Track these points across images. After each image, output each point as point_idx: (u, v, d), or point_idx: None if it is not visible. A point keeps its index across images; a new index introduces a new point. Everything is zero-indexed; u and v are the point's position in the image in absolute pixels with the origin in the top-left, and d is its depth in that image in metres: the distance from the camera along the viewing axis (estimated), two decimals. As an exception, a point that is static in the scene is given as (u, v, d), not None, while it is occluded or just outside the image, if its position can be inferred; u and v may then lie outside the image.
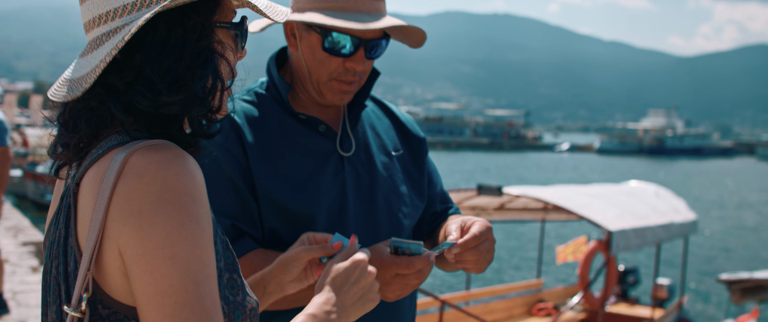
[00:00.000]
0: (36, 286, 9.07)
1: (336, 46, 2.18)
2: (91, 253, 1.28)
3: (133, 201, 1.25)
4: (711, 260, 24.81)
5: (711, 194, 52.81)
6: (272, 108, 2.29)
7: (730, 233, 32.63)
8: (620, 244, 9.72)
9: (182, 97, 1.35)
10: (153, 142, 1.33)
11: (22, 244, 11.75)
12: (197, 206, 1.28)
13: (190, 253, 1.25)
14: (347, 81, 2.23)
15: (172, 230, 1.24)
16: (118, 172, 1.28)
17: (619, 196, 12.01)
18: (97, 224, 1.28)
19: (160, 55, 1.33)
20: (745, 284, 10.50)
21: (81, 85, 1.34)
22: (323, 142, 2.27)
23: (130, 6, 1.36)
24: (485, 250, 1.99)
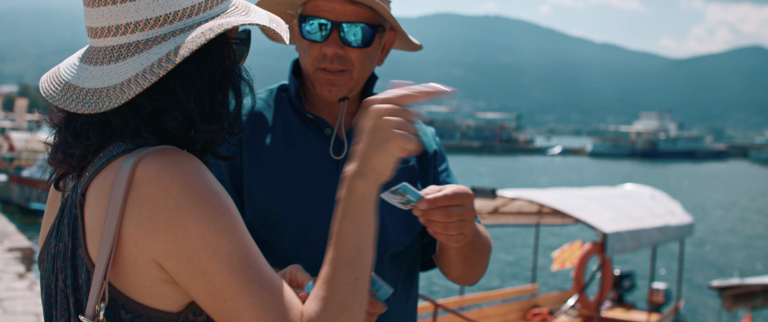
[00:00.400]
0: (22, 292, 8.90)
1: (311, 32, 2.22)
2: (105, 263, 1.27)
3: (158, 210, 1.25)
4: (707, 265, 24.73)
5: (705, 197, 52.81)
6: (282, 108, 2.34)
7: (726, 236, 32.59)
8: (615, 246, 9.64)
9: (216, 126, 1.37)
10: (157, 147, 1.32)
11: (7, 250, 11.57)
12: (220, 197, 1.29)
13: (230, 242, 1.26)
14: (330, 70, 2.21)
15: (206, 227, 1.25)
16: (129, 180, 1.27)
17: (614, 199, 11.91)
18: (111, 233, 1.27)
19: (194, 79, 1.34)
20: (737, 291, 10.40)
21: (105, 101, 1.30)
22: (321, 144, 2.28)
23: (154, 21, 1.33)
24: (456, 214, 1.88)
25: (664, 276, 17.31)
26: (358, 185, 1.45)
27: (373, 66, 2.31)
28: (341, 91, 2.25)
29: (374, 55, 2.29)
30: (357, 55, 2.23)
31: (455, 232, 1.91)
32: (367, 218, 1.44)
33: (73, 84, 1.37)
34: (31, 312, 7.98)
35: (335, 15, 2.19)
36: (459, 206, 1.89)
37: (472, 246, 2.15)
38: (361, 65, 2.25)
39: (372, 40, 2.23)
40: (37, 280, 9.98)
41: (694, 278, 21.02)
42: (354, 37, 2.21)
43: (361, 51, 2.23)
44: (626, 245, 9.89)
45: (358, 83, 2.28)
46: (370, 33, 2.22)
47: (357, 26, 2.20)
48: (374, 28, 2.23)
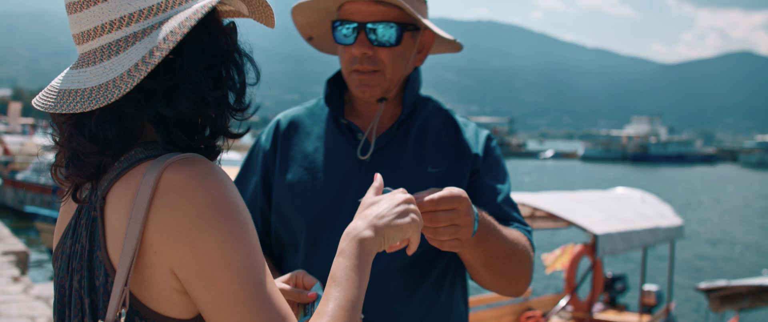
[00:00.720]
0: (17, 296, 8.91)
1: (342, 36, 2.24)
2: (127, 268, 1.28)
3: (180, 219, 1.27)
4: (698, 267, 24.85)
5: (696, 200, 53.02)
6: (323, 116, 2.40)
7: (717, 238, 32.75)
8: (606, 247, 9.71)
9: (222, 95, 1.39)
10: (183, 156, 1.34)
11: (2, 253, 11.58)
12: (240, 212, 1.31)
13: (246, 257, 1.28)
14: (361, 71, 2.23)
15: (224, 240, 1.27)
16: (154, 187, 1.29)
17: (605, 201, 11.99)
18: (133, 239, 1.28)
19: (200, 56, 1.37)
20: (724, 292, 10.49)
21: (114, 91, 1.30)
22: (349, 148, 2.30)
23: (147, 10, 1.35)
24: (445, 219, 1.81)
25: (656, 278, 17.40)
26: (370, 243, 1.53)
27: (407, 65, 2.30)
28: (375, 91, 2.26)
29: (407, 54, 2.27)
30: (387, 54, 2.22)
31: (447, 237, 1.84)
32: (369, 270, 1.52)
33: (71, 89, 1.36)
34: (25, 315, 8.00)
35: (363, 16, 2.20)
36: (449, 211, 1.81)
37: (491, 253, 2.06)
38: (392, 65, 2.24)
39: (400, 38, 2.21)
40: (32, 283, 9.99)
41: (685, 280, 21.13)
42: (381, 36, 2.20)
43: (391, 50, 2.22)
44: (617, 247, 9.96)
45: (392, 83, 2.28)
46: (398, 31, 2.20)
47: (383, 25, 2.19)
48: (403, 26, 2.21)
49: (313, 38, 2.48)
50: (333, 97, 2.38)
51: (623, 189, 13.97)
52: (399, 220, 1.59)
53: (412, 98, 2.35)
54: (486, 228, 1.99)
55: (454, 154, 2.31)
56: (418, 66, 2.39)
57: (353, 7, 2.22)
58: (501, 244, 2.07)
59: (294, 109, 2.50)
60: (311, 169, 2.31)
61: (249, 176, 2.43)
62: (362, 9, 2.21)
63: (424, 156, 2.29)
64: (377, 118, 2.31)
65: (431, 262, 2.25)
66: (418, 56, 2.35)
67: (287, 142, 2.38)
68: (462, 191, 1.84)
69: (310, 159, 2.33)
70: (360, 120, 2.36)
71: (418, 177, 2.25)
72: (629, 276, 13.91)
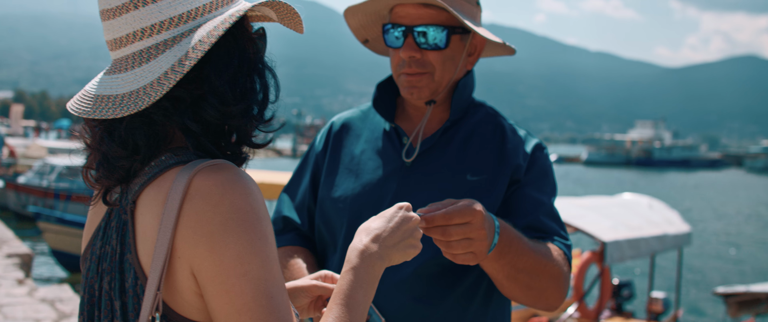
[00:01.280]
0: (22, 298, 8.89)
1: (392, 39, 2.27)
2: (160, 273, 1.31)
3: (203, 223, 1.29)
4: (706, 273, 24.77)
5: (701, 206, 52.90)
6: (374, 119, 2.45)
7: (723, 245, 32.64)
8: (614, 255, 9.65)
9: (246, 106, 1.41)
10: (213, 162, 1.36)
11: (6, 256, 11.56)
12: (263, 223, 1.32)
13: (262, 269, 1.30)
14: (408, 73, 2.25)
15: (243, 248, 1.28)
16: (184, 192, 1.31)
17: (612, 208, 11.92)
18: (164, 243, 1.31)
19: (227, 66, 1.39)
20: (742, 298, 10.43)
21: (144, 97, 1.33)
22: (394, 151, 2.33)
23: (177, 18, 1.37)
24: (457, 233, 1.82)
25: (663, 285, 17.33)
26: (378, 265, 1.57)
27: (456, 68, 2.29)
28: (423, 93, 2.27)
29: (457, 57, 2.28)
30: (435, 56, 2.23)
31: (460, 251, 1.85)
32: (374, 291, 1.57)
33: (105, 95, 1.39)
34: (30, 318, 7.98)
35: (411, 20, 2.22)
36: (462, 225, 1.82)
37: (515, 266, 2.04)
38: (441, 67, 2.25)
39: (447, 41, 2.22)
40: (36, 286, 9.97)
41: (692, 286, 21.06)
42: (429, 39, 2.21)
43: (439, 53, 2.23)
44: (625, 254, 9.90)
45: (440, 85, 2.28)
46: (445, 35, 2.21)
47: (430, 29, 2.21)
48: (451, 29, 2.22)
49: (368, 41, 2.50)
50: (382, 100, 2.40)
51: (630, 195, 13.89)
52: (406, 248, 1.64)
53: (461, 103, 2.33)
54: (509, 241, 1.98)
55: (495, 163, 2.27)
56: (470, 69, 2.37)
57: (402, 11, 2.24)
58: (527, 257, 2.04)
59: (349, 112, 2.54)
60: (355, 170, 2.35)
61: (301, 177, 2.50)
62: (411, 12, 2.22)
63: (465, 163, 2.27)
64: (424, 121, 2.31)
65: (465, 269, 2.21)
66: (470, 59, 2.34)
67: (337, 144, 2.44)
68: (476, 205, 1.83)
69: (355, 161, 2.37)
70: (409, 124, 2.37)
71: (456, 184, 2.24)
72: (636, 283, 13.84)
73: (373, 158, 2.34)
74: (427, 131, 2.34)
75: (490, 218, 1.92)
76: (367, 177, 2.32)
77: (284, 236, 2.45)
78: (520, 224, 2.18)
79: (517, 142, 2.33)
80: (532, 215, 2.22)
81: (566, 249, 2.22)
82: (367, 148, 2.38)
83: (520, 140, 2.34)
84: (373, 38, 2.49)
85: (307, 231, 2.45)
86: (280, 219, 2.48)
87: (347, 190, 2.32)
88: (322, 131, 2.53)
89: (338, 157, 2.41)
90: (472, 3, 2.30)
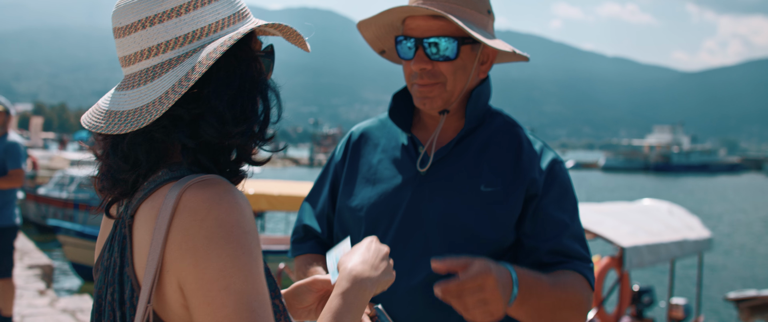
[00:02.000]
0: (43, 309, 8.97)
1: (403, 51, 2.30)
2: (150, 286, 1.34)
3: (189, 237, 1.31)
4: (727, 279, 24.58)
5: (721, 211, 52.52)
6: (392, 128, 2.48)
7: (745, 250, 32.39)
8: (633, 260, 9.60)
9: (245, 128, 1.43)
10: (203, 177, 1.39)
11: (28, 267, 11.66)
12: (248, 238, 1.34)
13: (244, 283, 1.31)
14: (421, 83, 2.27)
15: (226, 262, 1.30)
16: (173, 207, 1.34)
17: (631, 213, 11.87)
18: (155, 258, 1.33)
19: (226, 87, 1.42)
20: (754, 302, 10.35)
21: (146, 115, 1.38)
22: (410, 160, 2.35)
23: (182, 38, 1.41)
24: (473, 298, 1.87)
25: (683, 289, 17.23)
26: (368, 291, 1.62)
27: (468, 77, 2.30)
28: (436, 103, 2.29)
29: (468, 66, 2.28)
30: (446, 67, 2.25)
31: (479, 312, 1.88)
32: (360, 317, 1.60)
33: (113, 110, 1.44)
34: (52, 329, 8.04)
35: (421, 32, 2.24)
36: (476, 289, 1.86)
37: (537, 307, 2.07)
38: (452, 77, 2.26)
39: (458, 52, 2.23)
40: (57, 297, 10.05)
41: (712, 292, 20.91)
42: (438, 50, 2.23)
43: (450, 63, 2.25)
44: (644, 260, 9.84)
45: (453, 95, 2.29)
46: (455, 46, 2.23)
47: (441, 40, 2.22)
48: (461, 40, 2.23)
49: (385, 52, 2.53)
50: (398, 110, 2.43)
51: (650, 201, 13.84)
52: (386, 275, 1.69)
53: (476, 112, 2.34)
54: (529, 288, 2.01)
55: (510, 175, 2.27)
56: (483, 78, 2.38)
57: (413, 23, 2.26)
58: (549, 296, 2.07)
59: (368, 122, 2.57)
60: (372, 179, 2.38)
61: (322, 186, 2.55)
62: (421, 24, 2.24)
63: (479, 173, 2.28)
64: (437, 130, 2.34)
65: None
66: (482, 68, 2.35)
67: (356, 154, 2.47)
68: (488, 268, 1.87)
69: (372, 170, 2.40)
70: (425, 133, 2.40)
71: (470, 194, 2.25)
72: (656, 289, 13.76)
73: (390, 168, 2.37)
74: (443, 140, 2.35)
75: (506, 273, 1.95)
76: (384, 186, 2.34)
77: (305, 244, 2.50)
78: (544, 248, 2.20)
79: (532, 155, 2.31)
80: (556, 238, 2.22)
81: (589, 272, 2.22)
82: (384, 158, 2.40)
83: (536, 154, 2.32)
84: (389, 49, 2.51)
85: (327, 239, 2.49)
86: (301, 228, 2.54)
87: (364, 199, 2.35)
88: (342, 141, 2.57)
89: (356, 167, 2.44)
90: (482, 12, 2.31)
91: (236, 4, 1.50)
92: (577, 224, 2.28)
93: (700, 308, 12.66)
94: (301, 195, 14.67)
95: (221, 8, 1.46)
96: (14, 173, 7.35)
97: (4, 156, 7.35)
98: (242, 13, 1.51)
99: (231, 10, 1.48)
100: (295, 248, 2.54)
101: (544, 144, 2.38)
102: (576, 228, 2.26)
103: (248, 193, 14.40)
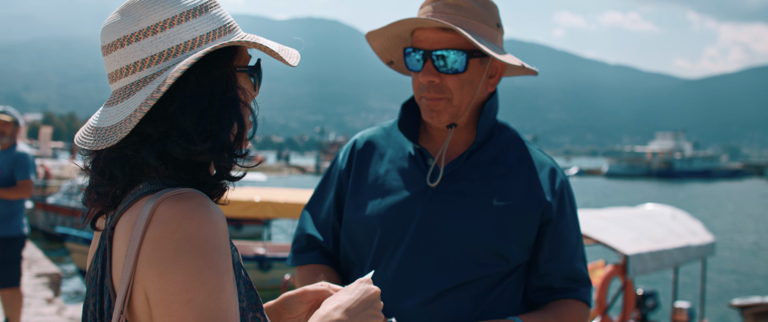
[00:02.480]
0: (51, 318, 9.04)
1: (410, 62, 2.28)
2: (123, 296, 1.36)
3: (157, 248, 1.32)
4: (730, 283, 24.59)
5: (724, 216, 52.47)
6: (397, 138, 2.45)
7: (748, 254, 32.37)
8: (637, 267, 9.65)
9: (211, 145, 1.42)
10: (180, 190, 1.40)
11: (36, 275, 11.73)
12: (216, 253, 1.34)
13: (208, 297, 1.30)
14: (428, 97, 2.26)
15: (191, 276, 1.30)
16: (147, 220, 1.35)
17: (635, 219, 11.91)
18: (128, 269, 1.35)
19: (192, 104, 1.41)
20: (758, 309, 10.41)
21: (116, 133, 1.40)
22: (419, 173, 2.33)
23: (158, 56, 1.42)
24: None
25: (686, 293, 17.26)
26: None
27: (476, 91, 2.29)
28: (443, 117, 2.27)
29: (476, 80, 2.27)
30: (453, 81, 2.23)
31: None
32: None
33: (97, 127, 1.46)
34: (61, 337, 8.11)
35: (430, 44, 2.22)
36: None
37: None
38: (459, 91, 2.24)
39: (466, 65, 2.22)
40: (65, 305, 10.13)
41: (715, 296, 20.93)
42: (447, 63, 2.21)
43: (457, 77, 2.23)
44: (648, 266, 9.89)
45: (460, 109, 2.28)
46: (463, 59, 2.21)
47: (449, 53, 2.20)
48: (470, 53, 2.21)
49: (393, 63, 2.53)
50: (406, 121, 2.41)
51: (653, 206, 13.89)
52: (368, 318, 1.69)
53: (487, 126, 2.35)
54: None
55: (523, 191, 2.29)
56: (491, 91, 2.37)
57: (421, 35, 2.25)
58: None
59: (371, 130, 2.54)
60: (380, 191, 2.34)
61: (324, 195, 2.50)
62: (429, 36, 2.23)
63: (491, 188, 2.28)
64: (445, 144, 2.32)
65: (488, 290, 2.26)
66: (491, 81, 2.34)
67: (361, 163, 2.43)
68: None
69: (380, 181, 2.36)
70: (432, 145, 2.38)
71: (482, 209, 2.25)
72: (660, 292, 13.80)
73: (398, 179, 2.34)
74: (452, 153, 2.35)
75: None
76: (393, 198, 2.32)
77: (308, 253, 2.46)
78: (558, 273, 2.30)
79: (544, 175, 2.34)
80: (569, 263, 2.32)
81: (589, 296, 2.34)
82: (392, 169, 2.37)
83: (546, 172, 2.35)
84: (397, 60, 2.50)
85: (331, 249, 2.46)
86: (303, 237, 2.49)
87: (373, 211, 2.32)
88: (345, 149, 2.53)
89: (363, 177, 2.40)
90: (491, 25, 2.30)
91: (220, 19, 1.49)
92: (581, 241, 2.38)
93: (703, 312, 12.71)
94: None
95: (200, 25, 1.45)
96: (23, 184, 7.42)
97: (13, 167, 7.41)
98: (227, 27, 1.50)
99: (211, 26, 1.47)
100: (296, 258, 2.50)
101: (551, 159, 2.42)
102: (581, 247, 2.36)
103: (254, 201, 14.53)
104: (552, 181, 2.33)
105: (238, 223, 24.14)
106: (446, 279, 2.20)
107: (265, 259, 17.15)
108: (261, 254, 17.59)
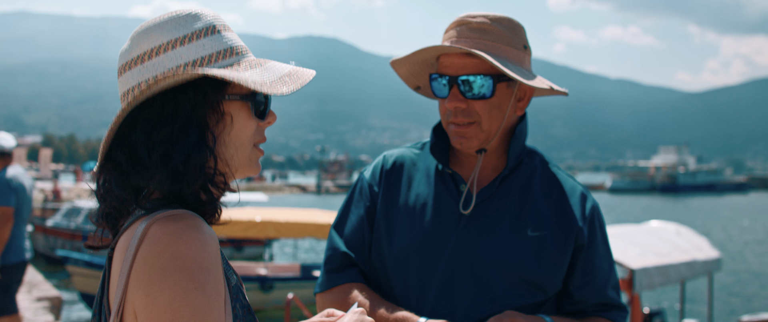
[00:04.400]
0: (51, 342, 8.94)
1: (438, 89, 2.26)
2: (115, 315, 1.39)
3: (146, 268, 1.34)
4: (738, 299, 24.41)
5: (730, 231, 52.23)
6: (427, 160, 2.39)
7: (756, 270, 32.17)
8: (643, 282, 9.58)
9: (165, 174, 1.42)
10: (173, 211, 1.42)
11: (36, 299, 11.64)
12: (204, 275, 1.35)
13: (192, 318, 1.31)
14: (456, 122, 2.23)
15: (176, 296, 1.31)
16: (139, 241, 1.37)
17: (640, 235, 11.84)
18: (120, 288, 1.37)
19: (152, 132, 1.42)
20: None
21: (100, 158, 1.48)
22: (451, 199, 2.29)
23: (145, 83, 1.45)
24: None
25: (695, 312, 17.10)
26: None
27: (504, 115, 2.25)
28: (472, 143, 2.24)
29: (504, 104, 2.24)
30: (481, 106, 2.20)
31: None
32: None
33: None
34: (61, 361, 8.00)
35: (455, 70, 2.20)
36: None
37: None
38: (487, 116, 2.22)
39: (493, 90, 2.19)
40: (65, 329, 10.02)
41: (725, 313, 20.76)
42: (474, 89, 2.19)
43: (485, 102, 2.20)
44: (654, 281, 9.82)
45: (489, 134, 2.25)
46: (490, 84, 2.18)
47: (475, 78, 2.18)
48: (496, 78, 2.19)
49: (420, 87, 2.48)
50: (438, 145, 2.36)
51: (658, 222, 13.80)
52: None
53: (517, 151, 2.31)
54: None
55: (556, 220, 2.26)
56: (520, 114, 2.34)
57: (447, 60, 2.22)
58: None
59: (400, 150, 2.49)
60: (412, 216, 2.30)
61: (353, 211, 2.42)
62: (455, 62, 2.20)
63: (525, 217, 2.25)
64: (476, 170, 2.28)
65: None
66: (519, 105, 2.31)
67: (391, 184, 2.38)
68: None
69: (411, 205, 2.31)
70: (463, 169, 2.34)
71: (517, 239, 2.22)
72: (667, 310, 13.67)
73: (431, 206, 2.29)
74: (483, 179, 2.31)
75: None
76: (426, 224, 2.27)
77: (344, 272, 2.37)
78: (591, 301, 2.28)
79: (575, 201, 2.31)
80: (601, 290, 2.29)
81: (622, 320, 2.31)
82: (423, 193, 2.33)
83: (578, 199, 2.32)
84: (424, 85, 2.45)
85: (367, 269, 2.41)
86: (338, 256, 2.39)
87: (405, 236, 2.28)
88: (374, 167, 2.46)
89: (393, 200, 2.35)
90: (518, 48, 2.27)
91: (212, 46, 1.48)
92: (614, 269, 2.34)
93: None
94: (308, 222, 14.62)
95: (185, 53, 1.45)
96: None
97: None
98: (222, 53, 1.49)
99: (197, 53, 1.46)
100: (330, 279, 2.37)
101: (581, 185, 2.37)
102: (614, 275, 2.32)
103: (255, 221, 14.45)
104: (582, 207, 2.30)
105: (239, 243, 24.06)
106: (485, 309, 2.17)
107: (267, 279, 17.08)
108: (263, 274, 17.51)
